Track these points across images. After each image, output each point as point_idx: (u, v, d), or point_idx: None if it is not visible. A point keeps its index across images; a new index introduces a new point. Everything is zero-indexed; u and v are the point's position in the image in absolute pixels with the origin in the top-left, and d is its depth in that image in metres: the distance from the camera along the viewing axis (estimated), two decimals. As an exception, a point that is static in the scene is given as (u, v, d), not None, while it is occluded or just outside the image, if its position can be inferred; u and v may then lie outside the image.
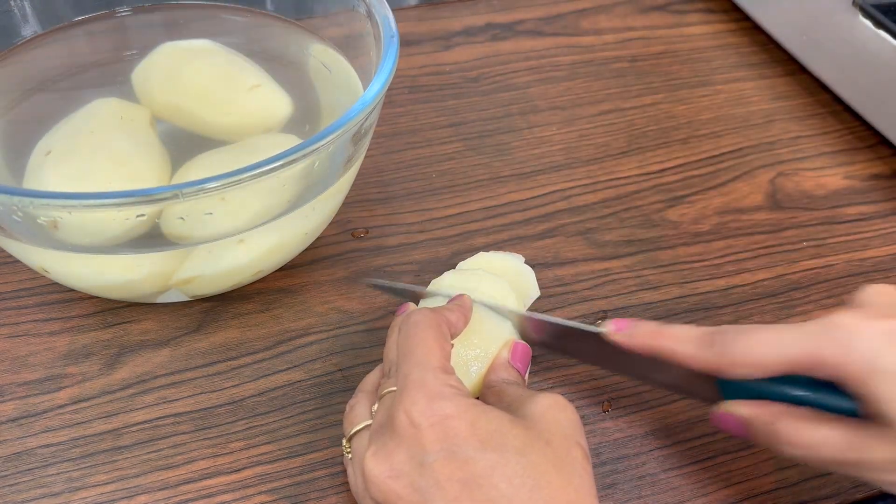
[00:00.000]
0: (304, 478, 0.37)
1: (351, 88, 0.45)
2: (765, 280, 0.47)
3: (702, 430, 0.39)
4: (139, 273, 0.37)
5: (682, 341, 0.33)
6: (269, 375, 0.40)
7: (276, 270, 0.44)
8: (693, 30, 0.67)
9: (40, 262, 0.37)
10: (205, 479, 0.36)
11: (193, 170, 0.41)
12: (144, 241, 0.36)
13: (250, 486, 0.36)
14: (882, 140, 0.57)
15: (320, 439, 0.38)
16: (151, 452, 0.37)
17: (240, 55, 0.47)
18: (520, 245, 0.48)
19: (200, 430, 0.38)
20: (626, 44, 0.64)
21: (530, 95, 0.59)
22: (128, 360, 0.41)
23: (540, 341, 0.39)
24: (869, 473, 0.31)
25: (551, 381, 0.41)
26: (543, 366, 0.41)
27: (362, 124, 0.37)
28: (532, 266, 0.44)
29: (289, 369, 0.41)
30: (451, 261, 0.46)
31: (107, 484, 0.36)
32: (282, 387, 0.40)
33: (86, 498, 0.35)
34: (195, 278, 0.39)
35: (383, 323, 0.43)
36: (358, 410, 0.34)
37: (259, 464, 0.37)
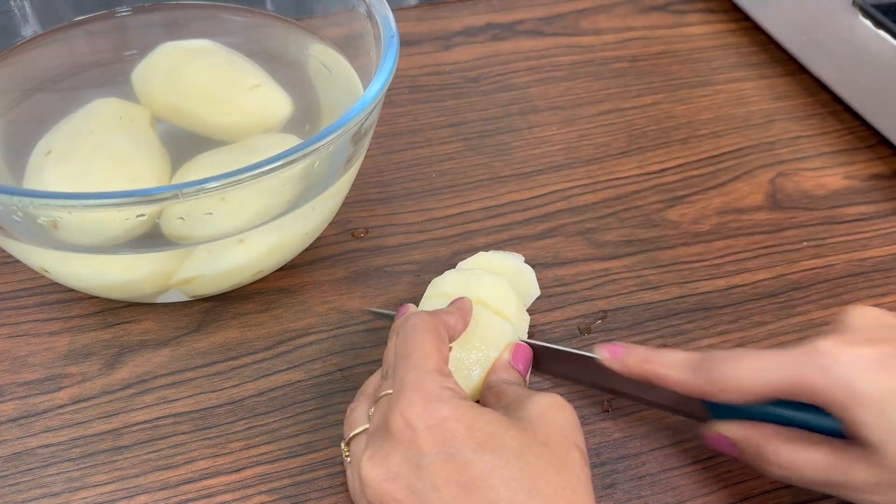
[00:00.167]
0: (304, 478, 0.37)
1: (351, 88, 0.45)
2: (765, 280, 0.47)
3: (702, 430, 0.39)
4: (139, 273, 0.37)
5: (672, 367, 0.34)
6: (269, 375, 0.40)
7: (276, 270, 0.44)
8: (693, 30, 0.67)
9: (40, 262, 0.37)
10: (205, 479, 0.36)
11: (193, 170, 0.41)
12: (144, 241, 0.36)
13: (250, 486, 0.36)
14: (882, 140, 0.57)
15: (320, 439, 0.38)
16: (151, 452, 0.37)
17: (240, 55, 0.47)
18: (520, 245, 0.48)
19: (200, 430, 0.38)
20: (626, 44, 0.64)
21: (530, 95, 0.59)
22: (128, 360, 0.41)
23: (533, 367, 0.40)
24: (853, 494, 0.31)
25: (551, 381, 0.41)
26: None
27: (362, 124, 0.37)
28: (532, 266, 0.44)
29: (289, 369, 0.41)
30: (451, 261, 0.46)
31: (107, 484, 0.36)
32: (282, 387, 0.40)
33: (86, 498, 0.35)
34: (195, 278, 0.39)
35: (383, 323, 0.43)
36: (357, 414, 0.34)
37: (259, 464, 0.37)
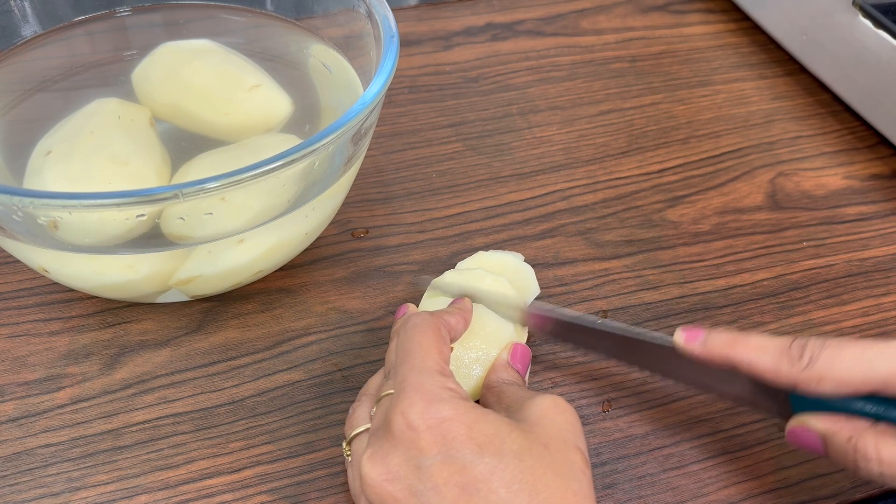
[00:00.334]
0: (304, 478, 0.37)
1: (351, 88, 0.45)
2: (765, 280, 0.47)
3: (702, 430, 0.39)
4: (139, 273, 0.37)
5: (761, 353, 0.32)
6: (269, 375, 0.40)
7: (276, 270, 0.44)
8: (693, 30, 0.67)
9: (40, 262, 0.37)
10: (205, 479, 0.36)
11: (193, 170, 0.41)
12: (144, 241, 0.36)
13: (250, 486, 0.36)
14: (882, 140, 0.57)
15: (320, 439, 0.38)
16: (151, 452, 0.37)
17: (240, 55, 0.47)
18: (520, 245, 0.48)
19: (200, 430, 0.38)
20: (626, 44, 0.64)
21: (530, 95, 0.59)
22: (128, 360, 0.41)
23: (566, 337, 0.39)
24: None
25: (551, 381, 0.41)
26: (543, 365, 0.41)
27: (362, 124, 0.37)
28: (532, 266, 0.44)
29: (289, 369, 0.41)
30: (451, 261, 0.46)
31: (107, 484, 0.36)
32: (282, 387, 0.40)
33: (86, 498, 0.35)
34: (195, 278, 0.39)
35: (383, 323, 0.43)
36: (359, 413, 0.34)
37: (259, 464, 0.37)
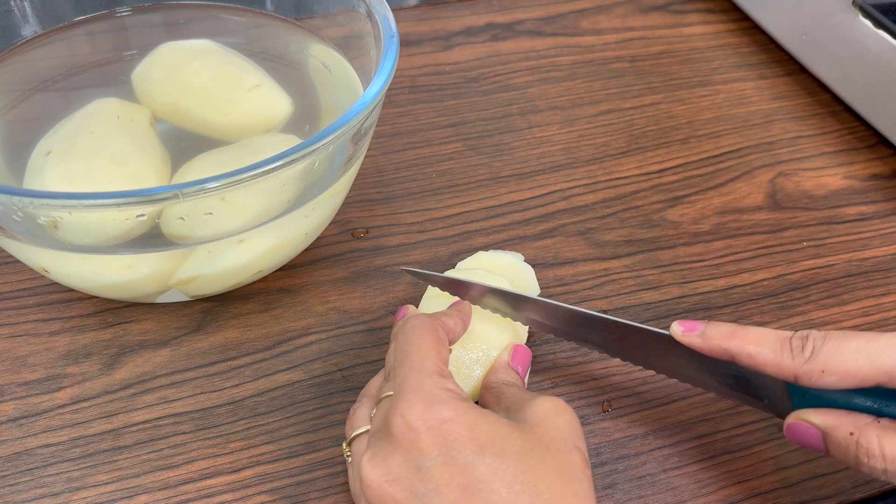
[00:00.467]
0: (304, 478, 0.37)
1: (351, 88, 0.45)
2: (765, 280, 0.47)
3: (702, 429, 0.39)
4: (139, 273, 0.37)
5: (762, 345, 0.31)
6: (269, 375, 0.40)
7: (276, 270, 0.44)
8: (693, 30, 0.67)
9: (40, 262, 0.37)
10: (205, 479, 0.36)
11: (193, 170, 0.41)
12: (144, 241, 0.36)
13: (250, 486, 0.36)
14: (882, 140, 0.57)
15: (320, 439, 0.38)
16: (151, 452, 0.37)
17: (240, 55, 0.47)
18: (519, 245, 0.48)
19: (200, 430, 0.38)
20: (626, 44, 0.64)
21: (530, 95, 0.59)
22: (128, 360, 0.41)
23: (565, 331, 0.38)
24: None
25: (551, 381, 0.41)
26: (542, 366, 0.41)
27: (362, 124, 0.37)
28: (532, 266, 0.44)
29: (289, 369, 0.41)
30: (451, 261, 0.46)
31: (107, 484, 0.36)
32: (282, 387, 0.40)
33: (86, 498, 0.35)
34: (195, 278, 0.39)
35: (383, 323, 0.43)
36: (359, 414, 0.34)
37: (259, 464, 0.37)
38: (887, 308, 0.46)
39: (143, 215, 0.35)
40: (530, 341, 0.42)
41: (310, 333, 0.42)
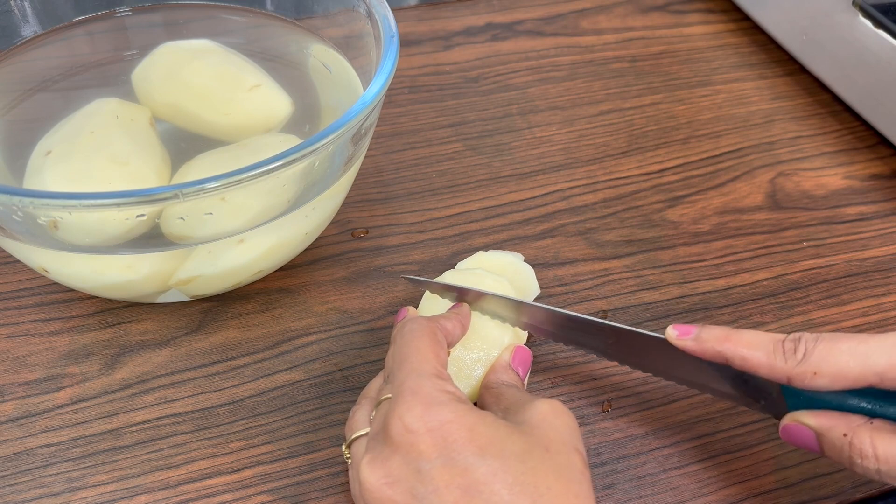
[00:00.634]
0: (304, 478, 0.37)
1: (351, 88, 0.45)
2: (765, 280, 0.47)
3: (702, 429, 0.39)
4: (139, 273, 0.37)
5: (755, 348, 0.32)
6: (269, 375, 0.40)
7: (276, 270, 0.44)
8: (693, 30, 0.67)
9: (40, 262, 0.37)
10: (205, 479, 0.36)
11: (193, 170, 0.41)
12: (144, 241, 0.36)
13: (250, 486, 0.36)
14: (882, 140, 0.57)
15: (320, 439, 0.38)
16: (151, 452, 0.37)
17: (240, 55, 0.47)
18: (519, 245, 0.48)
19: (200, 430, 0.38)
20: (626, 44, 0.64)
21: (530, 95, 0.59)
22: (128, 360, 0.41)
23: (562, 336, 0.38)
24: None
25: (551, 381, 0.41)
26: (542, 366, 0.41)
27: (362, 124, 0.37)
28: (532, 266, 0.44)
29: (289, 369, 0.41)
30: (451, 261, 0.46)
31: (107, 484, 0.36)
32: (282, 387, 0.40)
33: (86, 498, 0.35)
34: (195, 278, 0.39)
35: (383, 323, 0.43)
36: (358, 416, 0.34)
37: (259, 464, 0.37)
38: (887, 308, 0.46)
39: (143, 215, 0.35)
40: (530, 341, 0.42)
41: (310, 333, 0.42)
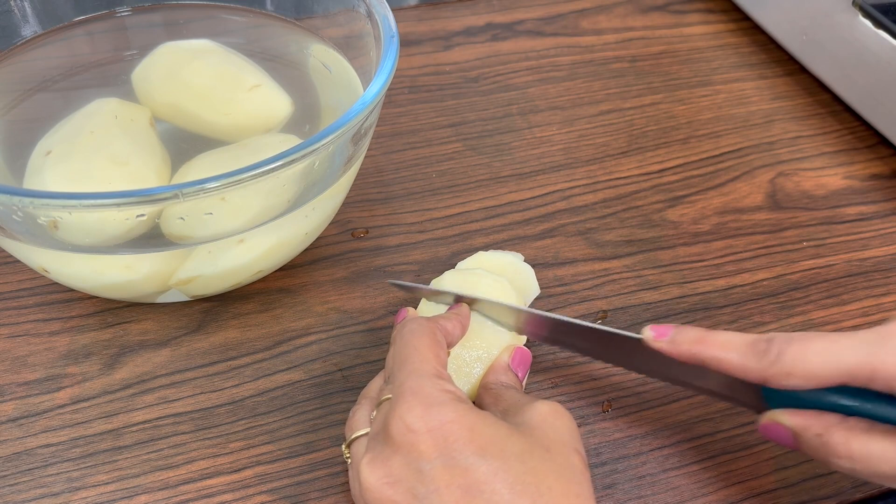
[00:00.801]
0: (304, 478, 0.37)
1: (351, 88, 0.45)
2: (765, 280, 0.47)
3: (702, 430, 0.39)
4: (139, 273, 0.37)
5: (729, 349, 0.31)
6: (269, 375, 0.40)
7: (276, 270, 0.44)
8: (693, 30, 0.67)
9: (40, 262, 0.37)
10: (205, 479, 0.36)
11: (193, 170, 0.41)
12: (144, 241, 0.36)
13: (250, 486, 0.36)
14: (882, 140, 0.57)
15: (320, 439, 0.38)
16: (151, 452, 0.37)
17: (240, 55, 0.47)
18: (519, 245, 0.48)
19: (200, 430, 0.38)
20: (626, 44, 0.64)
21: (530, 95, 0.59)
22: (128, 360, 0.41)
23: (554, 339, 0.39)
24: None
25: (551, 382, 0.41)
26: (542, 366, 0.41)
27: (362, 124, 0.37)
28: (532, 266, 0.44)
29: (289, 369, 0.41)
30: (451, 261, 0.46)
31: (107, 484, 0.36)
32: (282, 387, 0.40)
33: (86, 498, 0.35)
34: (195, 278, 0.39)
35: (383, 323, 0.43)
36: (358, 416, 0.34)
37: (259, 464, 0.37)
38: (887, 308, 0.46)
39: (143, 215, 0.35)
40: (530, 341, 0.42)
41: (310, 333, 0.42)
